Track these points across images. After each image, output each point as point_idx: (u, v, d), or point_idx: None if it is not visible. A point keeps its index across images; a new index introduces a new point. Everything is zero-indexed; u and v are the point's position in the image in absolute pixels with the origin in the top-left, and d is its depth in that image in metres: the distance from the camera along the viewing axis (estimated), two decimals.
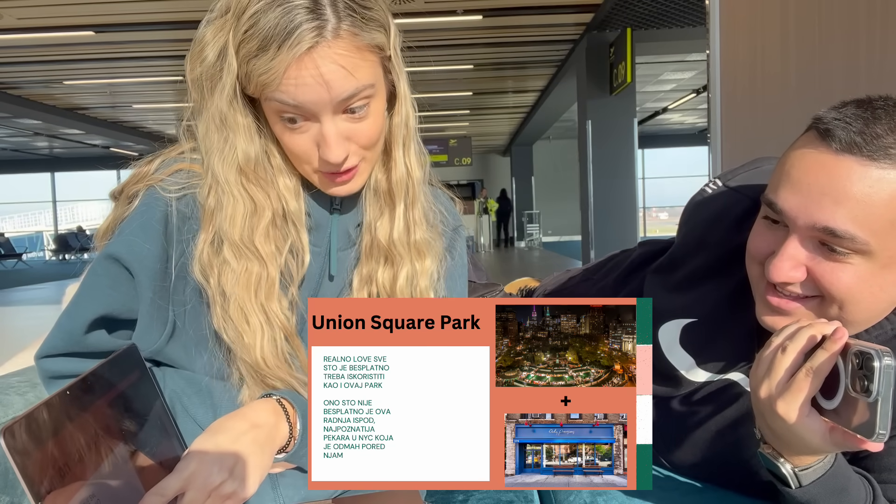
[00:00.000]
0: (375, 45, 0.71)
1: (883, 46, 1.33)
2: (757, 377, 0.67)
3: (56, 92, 10.66)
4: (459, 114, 14.43)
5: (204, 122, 0.75)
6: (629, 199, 8.14)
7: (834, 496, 0.69)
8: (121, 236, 0.78)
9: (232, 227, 0.74)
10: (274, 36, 0.65)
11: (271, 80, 0.67)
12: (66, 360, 0.80)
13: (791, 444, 0.66)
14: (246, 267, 0.75)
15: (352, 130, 0.72)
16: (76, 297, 0.79)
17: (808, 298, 0.71)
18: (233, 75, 0.70)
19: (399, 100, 0.80)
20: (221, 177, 0.74)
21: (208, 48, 0.70)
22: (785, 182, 0.70)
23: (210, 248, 0.75)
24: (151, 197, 0.78)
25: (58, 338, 0.79)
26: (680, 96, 13.44)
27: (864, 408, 0.59)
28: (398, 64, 0.77)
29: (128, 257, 0.76)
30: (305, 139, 0.72)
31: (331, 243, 0.83)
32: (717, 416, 0.89)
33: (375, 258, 0.83)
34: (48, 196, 21.41)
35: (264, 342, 0.75)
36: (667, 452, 0.98)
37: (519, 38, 8.54)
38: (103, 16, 6.98)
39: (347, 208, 0.84)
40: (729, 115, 1.91)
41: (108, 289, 0.78)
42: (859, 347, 0.60)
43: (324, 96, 0.68)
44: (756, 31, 1.77)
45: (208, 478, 0.62)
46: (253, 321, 0.75)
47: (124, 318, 0.80)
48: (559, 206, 19.48)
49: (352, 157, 0.74)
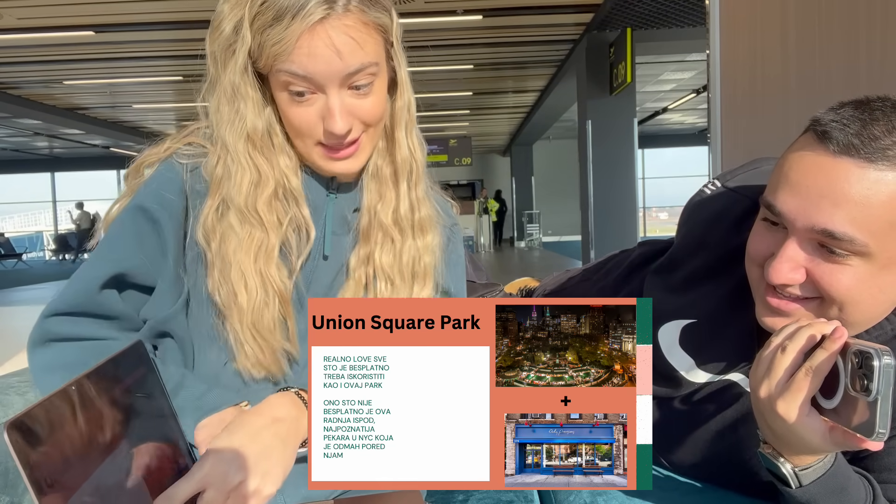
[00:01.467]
0: (380, 24, 0.75)
1: (883, 46, 1.33)
2: (757, 377, 0.67)
3: (56, 92, 10.66)
4: (459, 114, 14.43)
5: (216, 96, 0.78)
6: (629, 199, 8.14)
7: (834, 496, 0.69)
8: (147, 188, 0.80)
9: (238, 193, 0.77)
10: (289, 7, 0.69)
11: (283, 50, 0.70)
12: (73, 320, 0.78)
13: (791, 443, 0.66)
14: (249, 232, 0.77)
15: (355, 106, 0.76)
16: (98, 250, 0.80)
17: (807, 300, 0.71)
18: (246, 47, 0.73)
19: (401, 85, 0.83)
20: (231, 146, 0.77)
21: (225, 22, 0.73)
22: (783, 184, 0.70)
23: (215, 215, 0.78)
24: (168, 164, 0.82)
25: (71, 294, 0.78)
26: (680, 96, 13.45)
27: (863, 407, 0.59)
28: (400, 51, 0.81)
29: (157, 207, 0.79)
30: (311, 112, 0.75)
31: (326, 224, 0.85)
32: (717, 416, 0.89)
33: (374, 239, 0.85)
34: (48, 196, 21.42)
35: (259, 306, 0.77)
36: (667, 453, 0.98)
37: (519, 38, 8.55)
38: (103, 16, 6.98)
39: (345, 191, 0.86)
40: (729, 115, 1.91)
41: (134, 243, 0.79)
42: (859, 347, 0.60)
43: (335, 66, 0.71)
44: (756, 31, 1.77)
45: (226, 477, 0.60)
46: (251, 284, 0.77)
47: (139, 281, 0.80)
48: (559, 206, 19.48)
49: (354, 130, 0.77)
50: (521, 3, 7.07)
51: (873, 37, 1.35)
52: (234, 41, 0.74)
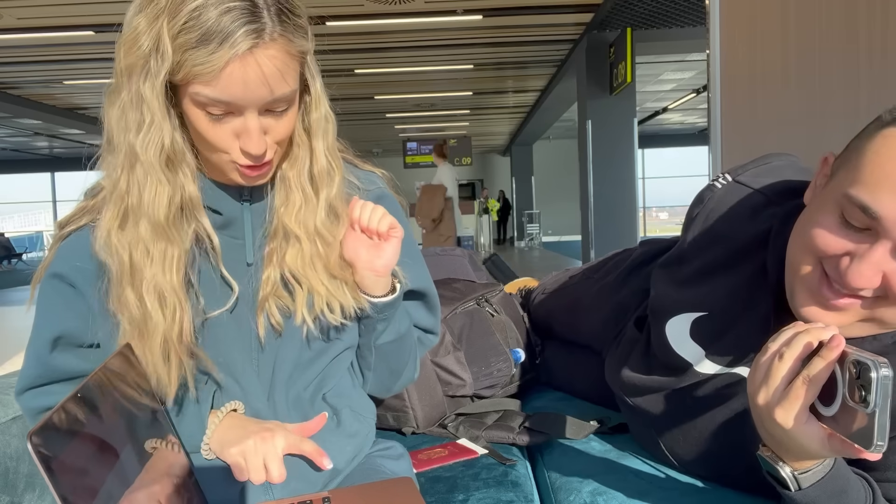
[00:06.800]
0: (302, 51, 0.76)
1: (883, 46, 1.33)
2: (754, 383, 0.66)
3: (56, 92, 10.65)
4: (459, 114, 14.42)
5: (120, 106, 0.75)
6: (629, 199, 8.13)
7: (833, 499, 0.68)
8: (57, 258, 0.82)
9: (152, 206, 0.75)
10: (215, 32, 0.67)
11: (206, 72, 0.69)
12: (42, 390, 0.84)
13: (790, 449, 0.66)
14: (162, 247, 0.77)
15: (269, 126, 0.76)
16: (34, 322, 0.83)
17: (864, 297, 0.68)
18: (167, 64, 0.70)
19: (315, 98, 0.83)
20: (142, 157, 0.74)
21: (143, 37, 0.70)
22: (886, 186, 0.63)
23: (118, 229, 0.77)
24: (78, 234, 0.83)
25: (30, 366, 0.83)
26: (680, 96, 13.44)
27: (862, 417, 0.57)
28: (313, 65, 0.82)
29: (69, 273, 0.80)
30: (226, 130, 0.75)
31: (245, 232, 0.86)
32: (724, 408, 0.89)
33: (280, 239, 0.85)
34: (48, 196, 21.40)
35: (177, 318, 0.77)
36: (672, 445, 0.98)
37: (519, 38, 8.54)
38: (103, 16, 6.97)
39: (257, 199, 0.87)
40: (729, 115, 1.91)
41: (60, 307, 0.82)
42: (856, 356, 0.58)
43: (260, 94, 0.72)
44: (756, 31, 1.77)
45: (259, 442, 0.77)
46: (170, 300, 0.77)
47: (82, 341, 0.83)
48: (559, 206, 19.47)
49: (269, 151, 0.78)
50: (521, 3, 7.06)
51: (873, 37, 1.35)
52: (152, 58, 0.71)
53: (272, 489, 0.81)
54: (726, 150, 1.91)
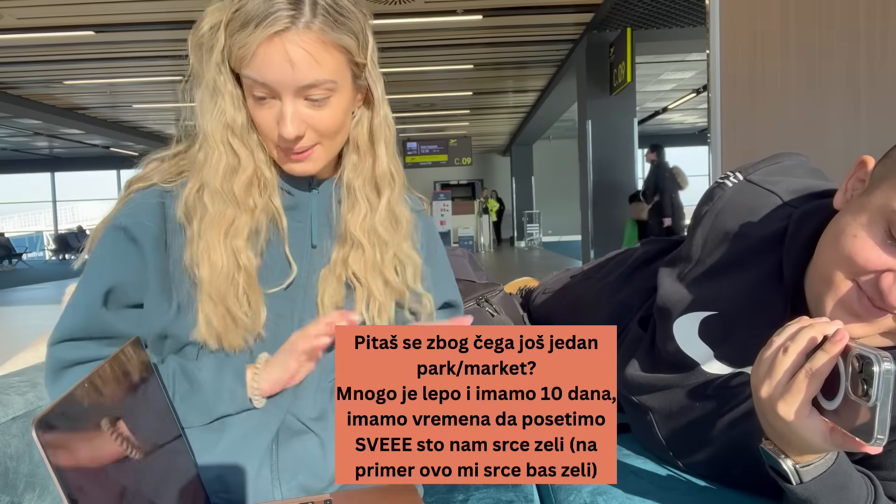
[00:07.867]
0: (342, 45, 0.79)
1: (883, 46, 1.33)
2: (758, 377, 0.67)
3: (56, 92, 10.66)
4: (459, 114, 14.43)
5: (200, 90, 0.84)
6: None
7: (835, 493, 0.69)
8: (124, 210, 0.84)
9: (213, 176, 0.82)
10: (255, 15, 0.74)
11: (245, 54, 0.76)
12: (77, 344, 0.83)
13: (792, 442, 0.66)
14: (220, 211, 0.82)
15: (309, 115, 0.80)
16: (87, 271, 0.84)
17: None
18: (220, 46, 0.79)
19: (377, 103, 0.89)
20: (210, 133, 0.83)
21: (205, 22, 0.80)
22: None
23: (196, 195, 0.83)
24: (149, 191, 0.86)
25: (75, 317, 0.83)
26: (680, 96, 13.45)
27: (863, 411, 0.58)
28: (374, 71, 0.86)
29: (133, 227, 0.82)
30: (269, 115, 0.80)
31: (312, 217, 0.91)
32: (731, 408, 0.88)
33: (347, 245, 0.90)
34: (48, 196, 21.42)
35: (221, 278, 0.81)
36: (677, 444, 0.97)
37: (519, 38, 8.54)
38: (103, 16, 6.98)
39: (325, 191, 0.92)
40: (729, 115, 1.91)
41: (119, 258, 0.83)
42: (860, 350, 0.59)
43: (288, 76, 0.76)
44: (756, 31, 1.77)
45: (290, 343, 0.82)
46: (214, 257, 0.81)
47: (130, 298, 0.84)
48: (559, 206, 19.48)
49: (308, 139, 0.82)
50: (521, 3, 7.06)
51: (873, 37, 1.35)
52: (209, 40, 0.80)
53: (279, 486, 0.82)
54: (726, 150, 1.91)
